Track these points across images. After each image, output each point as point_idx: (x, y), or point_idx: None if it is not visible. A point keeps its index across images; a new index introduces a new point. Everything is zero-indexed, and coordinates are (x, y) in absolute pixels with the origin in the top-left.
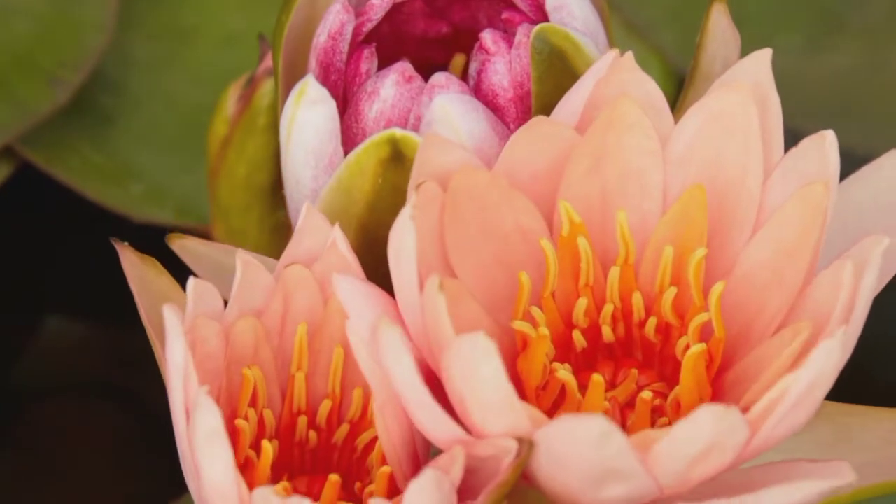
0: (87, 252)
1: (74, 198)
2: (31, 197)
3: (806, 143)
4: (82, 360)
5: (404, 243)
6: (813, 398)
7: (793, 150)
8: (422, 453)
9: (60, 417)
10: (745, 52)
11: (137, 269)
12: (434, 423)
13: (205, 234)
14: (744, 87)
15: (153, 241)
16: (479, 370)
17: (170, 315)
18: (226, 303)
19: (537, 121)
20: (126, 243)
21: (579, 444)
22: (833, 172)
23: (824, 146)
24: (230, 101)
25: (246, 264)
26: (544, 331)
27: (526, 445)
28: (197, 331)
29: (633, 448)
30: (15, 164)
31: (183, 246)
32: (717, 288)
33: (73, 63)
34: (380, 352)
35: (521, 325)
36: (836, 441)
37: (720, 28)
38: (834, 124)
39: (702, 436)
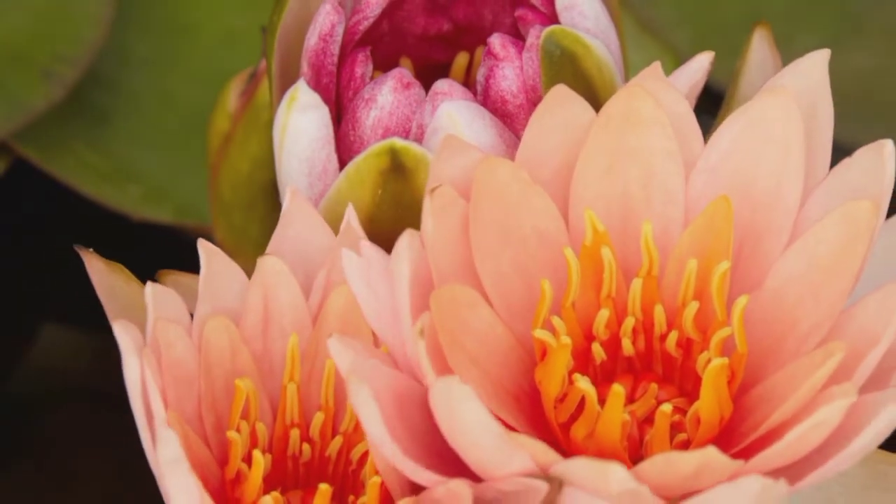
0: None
1: (71, 195)
2: (26, 194)
3: (862, 154)
4: (80, 363)
5: (400, 271)
6: (866, 451)
7: (847, 161)
8: None
9: (61, 424)
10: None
11: (105, 276)
12: (412, 474)
13: (205, 234)
14: (788, 93)
15: (154, 240)
16: (461, 415)
17: (122, 332)
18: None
19: (557, 95)
20: (91, 249)
21: None
22: (885, 189)
23: (881, 158)
24: (232, 95)
25: (210, 254)
26: (566, 340)
27: (555, 483)
28: (160, 336)
29: None
30: (9, 162)
31: (176, 282)
32: (741, 302)
33: (68, 57)
34: (352, 402)
35: (541, 334)
36: (869, 486)
37: (761, 55)
38: (854, 125)
39: (744, 501)
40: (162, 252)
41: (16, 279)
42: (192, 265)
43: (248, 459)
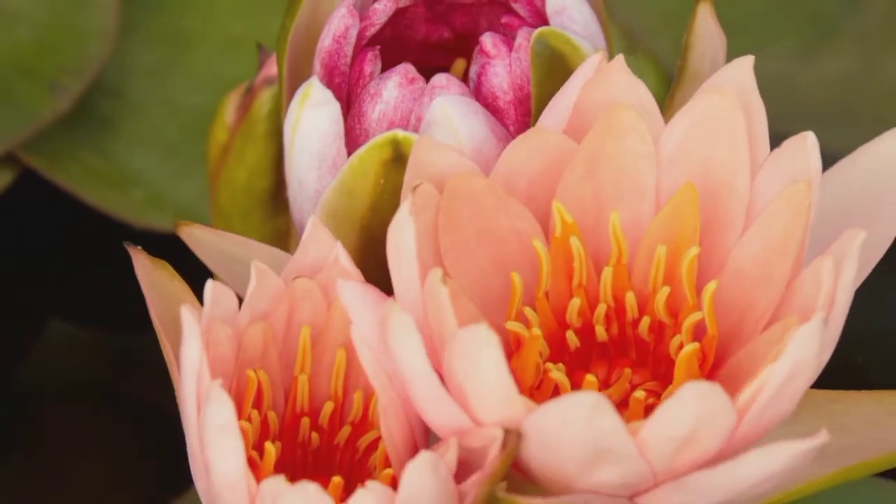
0: (88, 258)
1: (76, 204)
2: (34, 203)
3: (789, 144)
4: (84, 365)
5: (404, 238)
6: (796, 384)
7: (777, 151)
8: None
9: (62, 421)
10: (737, 57)
11: (150, 272)
12: (440, 411)
13: None
14: (730, 92)
15: (154, 247)
16: (480, 362)
17: (187, 316)
18: (241, 300)
19: (534, 131)
20: (139, 247)
21: (571, 420)
22: (815, 171)
23: (806, 147)
24: (229, 108)
25: (261, 273)
26: (537, 331)
27: (513, 436)
28: (212, 334)
29: (623, 424)
30: (17, 171)
31: (190, 234)
32: (711, 287)
33: (74, 70)
34: (389, 339)
35: (514, 326)
36: (820, 427)
37: (707, 28)
38: (827, 129)
39: (687, 414)
40: (163, 255)
41: (21, 278)
42: (192, 268)
43: (259, 448)
